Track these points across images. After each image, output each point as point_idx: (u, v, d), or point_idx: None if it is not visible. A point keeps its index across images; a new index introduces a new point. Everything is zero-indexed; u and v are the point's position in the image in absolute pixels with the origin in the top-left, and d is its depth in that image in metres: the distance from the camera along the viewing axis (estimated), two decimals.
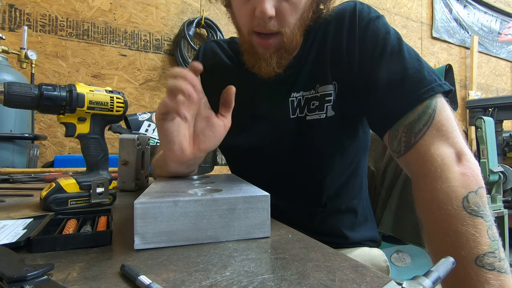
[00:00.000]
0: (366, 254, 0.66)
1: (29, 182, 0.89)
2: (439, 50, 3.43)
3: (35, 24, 1.61)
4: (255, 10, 0.52)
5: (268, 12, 0.50)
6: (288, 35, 0.56)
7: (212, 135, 0.48)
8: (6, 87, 0.47)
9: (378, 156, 0.86)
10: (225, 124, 0.48)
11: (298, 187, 0.66)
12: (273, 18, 0.53)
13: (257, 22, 0.54)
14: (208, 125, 0.48)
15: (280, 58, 0.58)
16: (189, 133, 0.49)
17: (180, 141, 0.47)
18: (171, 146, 0.47)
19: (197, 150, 0.49)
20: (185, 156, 0.48)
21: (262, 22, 0.53)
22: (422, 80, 0.49)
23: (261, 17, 0.51)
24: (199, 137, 0.48)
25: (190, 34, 1.94)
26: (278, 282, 0.26)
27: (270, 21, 0.53)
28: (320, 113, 0.60)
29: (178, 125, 0.47)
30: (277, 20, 0.54)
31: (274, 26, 0.54)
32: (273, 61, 0.58)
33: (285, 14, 0.53)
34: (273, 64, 0.58)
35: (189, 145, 0.49)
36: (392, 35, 0.54)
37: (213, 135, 0.48)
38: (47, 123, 1.63)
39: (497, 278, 0.38)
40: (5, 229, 0.38)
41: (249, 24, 0.56)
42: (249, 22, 0.56)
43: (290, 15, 0.54)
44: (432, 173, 0.45)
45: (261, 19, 0.52)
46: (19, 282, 0.24)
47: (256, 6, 0.52)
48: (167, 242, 0.35)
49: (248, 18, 0.55)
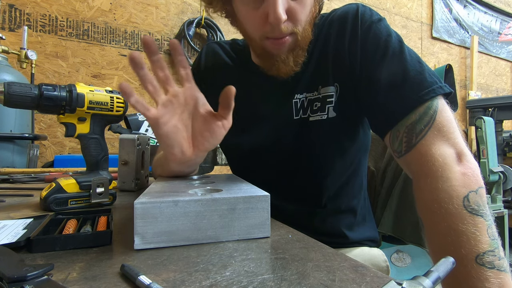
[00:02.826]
0: (366, 254, 0.66)
1: (29, 182, 0.89)
2: (439, 50, 3.43)
3: (35, 24, 1.61)
4: (266, 15, 0.51)
5: (283, 17, 0.50)
6: (302, 33, 0.56)
7: (211, 135, 0.48)
8: (6, 87, 0.47)
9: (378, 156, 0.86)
10: (224, 125, 0.48)
11: (298, 187, 0.66)
12: (286, 20, 0.53)
13: (270, 28, 0.53)
14: (207, 125, 0.47)
15: (296, 57, 0.58)
16: (187, 135, 0.48)
17: (179, 143, 0.47)
18: (171, 149, 0.47)
19: (197, 150, 0.49)
20: (185, 157, 0.48)
21: (277, 28, 0.52)
22: (423, 81, 0.49)
23: (276, 23, 0.51)
24: (198, 138, 0.48)
25: (190, 34, 1.94)
26: (278, 282, 0.26)
27: (283, 24, 0.52)
28: (322, 114, 0.60)
29: (175, 127, 0.46)
30: (289, 21, 0.53)
31: (287, 28, 0.54)
32: (290, 60, 0.57)
33: (296, 14, 0.53)
34: (291, 64, 0.58)
35: (189, 146, 0.48)
36: (394, 38, 0.55)
37: (212, 135, 0.48)
38: (47, 123, 1.63)
39: (497, 277, 0.38)
40: (5, 229, 0.38)
41: (261, 30, 0.55)
42: (260, 28, 0.55)
43: (300, 13, 0.54)
44: (433, 172, 0.45)
45: (276, 25, 0.51)
46: (19, 282, 0.24)
47: (267, 11, 0.51)
48: (167, 242, 0.35)
49: (259, 25, 0.54)
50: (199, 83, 0.74)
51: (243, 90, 0.68)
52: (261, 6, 0.53)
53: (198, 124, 0.48)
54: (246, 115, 0.67)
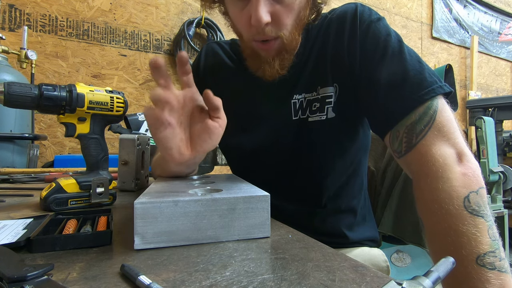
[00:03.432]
0: (366, 254, 0.66)
1: (29, 182, 0.89)
2: (439, 50, 3.43)
3: (35, 24, 1.61)
4: (250, 18, 0.52)
5: (264, 19, 0.50)
6: (287, 37, 0.55)
7: (209, 136, 0.47)
8: (6, 87, 0.47)
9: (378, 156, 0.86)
10: (220, 125, 0.47)
11: (298, 188, 0.66)
12: (270, 23, 0.52)
13: (255, 31, 0.53)
14: (204, 127, 0.47)
15: (282, 60, 0.58)
16: (185, 136, 0.48)
17: (177, 145, 0.47)
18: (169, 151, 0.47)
19: (195, 152, 0.49)
20: (184, 158, 0.48)
21: (260, 30, 0.53)
22: (423, 81, 0.49)
23: (257, 25, 0.51)
24: (195, 139, 0.48)
25: (190, 34, 1.94)
26: (278, 282, 0.26)
27: (267, 27, 0.53)
28: (321, 114, 0.60)
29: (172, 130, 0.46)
30: (274, 25, 0.53)
31: (271, 31, 0.54)
32: (275, 63, 0.58)
33: (281, 18, 0.53)
34: (276, 67, 0.58)
35: (187, 148, 0.48)
36: (393, 37, 0.54)
37: (209, 136, 0.47)
38: (47, 123, 1.63)
39: (498, 277, 0.38)
40: (5, 229, 0.38)
41: (247, 32, 0.56)
42: (247, 30, 0.55)
43: (286, 17, 0.53)
44: (434, 173, 0.45)
45: (258, 27, 0.51)
46: (19, 282, 0.24)
47: (250, 14, 0.51)
48: (167, 242, 0.35)
49: (246, 26, 0.55)
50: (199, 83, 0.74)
51: (243, 90, 0.68)
52: (246, 7, 0.53)
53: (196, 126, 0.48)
54: (246, 115, 0.67)
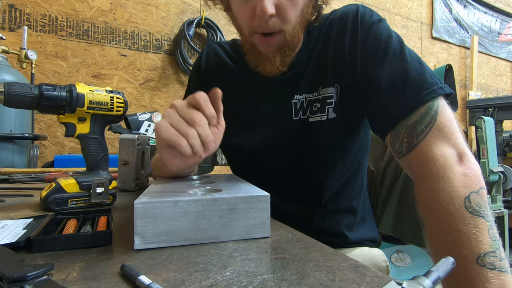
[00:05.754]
0: (366, 254, 0.66)
1: (29, 182, 0.89)
2: (439, 50, 3.43)
3: (35, 24, 1.61)
4: (255, 9, 0.52)
5: (269, 10, 0.50)
6: (290, 32, 0.55)
7: None
8: (6, 87, 0.47)
9: (378, 156, 0.86)
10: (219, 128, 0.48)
11: (298, 188, 0.66)
12: (274, 16, 0.53)
13: (258, 23, 0.53)
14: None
15: (283, 57, 0.58)
16: None
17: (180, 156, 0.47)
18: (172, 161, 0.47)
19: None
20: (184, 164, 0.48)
21: (264, 22, 0.53)
22: (424, 82, 0.49)
23: (261, 16, 0.51)
24: None
25: (190, 34, 1.93)
26: (278, 282, 0.26)
27: (270, 19, 0.53)
28: (322, 115, 0.60)
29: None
30: (278, 18, 0.53)
31: (275, 24, 0.54)
32: (276, 59, 0.58)
33: (285, 11, 0.53)
34: (277, 63, 0.58)
35: None
36: (394, 38, 0.55)
37: None
38: (47, 123, 1.63)
39: (498, 277, 0.38)
40: (5, 229, 0.38)
41: (249, 25, 0.56)
42: (249, 22, 0.55)
43: (290, 11, 0.54)
44: (434, 173, 0.45)
45: (262, 18, 0.52)
46: (19, 282, 0.24)
47: (255, 5, 0.51)
48: (167, 242, 0.35)
49: (248, 19, 0.55)
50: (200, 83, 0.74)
51: (243, 91, 0.68)
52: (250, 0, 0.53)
53: None
54: (246, 116, 0.67)
